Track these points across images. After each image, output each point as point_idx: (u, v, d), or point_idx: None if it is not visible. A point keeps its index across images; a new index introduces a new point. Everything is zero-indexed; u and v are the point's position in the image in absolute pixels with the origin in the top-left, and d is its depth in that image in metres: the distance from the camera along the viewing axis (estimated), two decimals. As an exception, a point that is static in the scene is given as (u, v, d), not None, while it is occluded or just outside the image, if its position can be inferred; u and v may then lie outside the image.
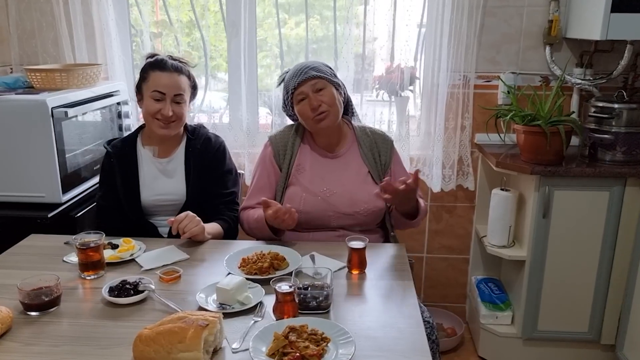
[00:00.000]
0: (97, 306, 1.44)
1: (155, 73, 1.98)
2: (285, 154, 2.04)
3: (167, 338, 1.16)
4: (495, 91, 2.71)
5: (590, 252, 2.39)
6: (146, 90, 1.99)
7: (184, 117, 2.04)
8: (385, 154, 2.06)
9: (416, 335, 1.30)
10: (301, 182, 2.01)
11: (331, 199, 1.97)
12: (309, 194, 1.98)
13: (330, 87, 1.96)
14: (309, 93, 1.93)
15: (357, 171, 2.03)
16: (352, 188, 1.99)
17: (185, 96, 2.02)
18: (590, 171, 2.30)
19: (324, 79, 1.95)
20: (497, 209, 2.50)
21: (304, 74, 1.94)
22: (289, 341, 1.20)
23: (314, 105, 1.91)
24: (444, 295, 3.01)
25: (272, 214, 1.79)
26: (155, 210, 2.07)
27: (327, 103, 1.93)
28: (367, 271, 1.64)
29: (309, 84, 1.93)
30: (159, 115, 1.97)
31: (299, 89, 1.94)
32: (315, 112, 1.92)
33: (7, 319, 1.30)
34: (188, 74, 2.05)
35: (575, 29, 2.50)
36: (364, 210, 1.97)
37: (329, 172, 2.02)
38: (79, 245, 1.58)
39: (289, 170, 2.03)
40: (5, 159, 2.13)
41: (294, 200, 1.97)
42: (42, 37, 2.75)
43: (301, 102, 1.95)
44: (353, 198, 1.97)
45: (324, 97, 1.93)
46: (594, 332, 2.48)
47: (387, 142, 2.09)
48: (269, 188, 2.05)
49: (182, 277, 1.60)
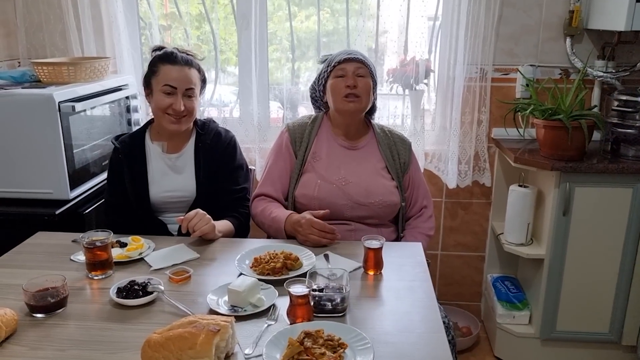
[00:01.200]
0: (105, 308, 1.39)
1: (166, 66, 1.93)
2: (301, 142, 2.04)
3: (176, 344, 1.11)
4: (512, 84, 2.64)
5: (611, 250, 2.32)
6: (156, 85, 1.94)
7: (195, 111, 1.99)
8: (404, 155, 2.06)
9: (437, 341, 1.24)
10: (317, 170, 1.99)
11: (346, 187, 1.95)
12: (324, 181, 1.96)
13: (369, 79, 1.99)
14: (350, 72, 1.96)
15: (374, 164, 2.02)
16: (368, 179, 1.97)
17: (196, 90, 1.98)
18: (612, 167, 2.23)
19: (369, 68, 1.99)
20: (515, 205, 2.43)
21: (354, 54, 1.99)
22: (305, 347, 1.14)
23: (350, 83, 1.94)
24: (458, 294, 2.95)
25: (317, 228, 1.76)
26: (165, 207, 2.02)
27: (362, 89, 1.95)
28: (384, 272, 1.58)
29: (354, 65, 1.97)
30: (170, 110, 1.92)
31: (342, 65, 1.97)
32: (348, 90, 1.94)
33: (12, 322, 1.26)
34: (198, 68, 2.01)
35: (598, 19, 2.41)
36: (379, 202, 1.94)
37: (346, 162, 2.00)
38: (86, 244, 1.53)
39: (305, 157, 2.02)
40: (12, 154, 2.09)
41: (308, 187, 1.97)
42: (49, 30, 2.70)
43: (338, 78, 1.97)
44: (368, 189, 1.95)
45: (362, 83, 1.96)
46: (614, 332, 2.41)
47: (406, 144, 2.10)
48: (284, 175, 2.03)
49: (192, 277, 1.55)
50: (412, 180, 2.07)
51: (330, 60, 2.02)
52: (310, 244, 1.75)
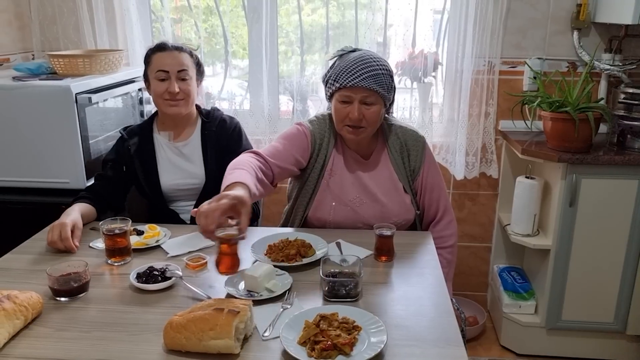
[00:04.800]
0: (125, 292, 1.44)
1: (156, 55, 2.00)
2: (320, 149, 1.87)
3: (198, 325, 1.15)
4: (520, 77, 2.66)
5: (617, 241, 2.35)
6: (151, 74, 2.00)
7: (192, 94, 2.02)
8: (415, 157, 1.88)
9: (448, 325, 1.28)
10: (332, 189, 1.87)
11: (360, 208, 1.85)
12: (339, 203, 1.86)
13: (380, 105, 1.76)
14: (356, 102, 1.73)
15: (388, 176, 1.88)
16: (383, 199, 1.86)
17: (189, 72, 2.01)
18: (619, 159, 2.26)
19: (379, 94, 1.74)
20: (522, 197, 2.46)
21: (361, 79, 1.71)
22: (320, 329, 1.18)
23: (354, 117, 1.73)
24: (465, 284, 2.99)
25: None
26: (176, 195, 2.07)
27: (368, 120, 1.76)
28: (395, 259, 1.62)
29: (361, 93, 1.73)
30: (167, 95, 1.97)
31: (348, 92, 1.74)
32: (351, 122, 1.76)
33: (38, 304, 1.30)
34: (190, 52, 2.05)
35: (605, 13, 2.43)
36: (394, 223, 1.76)
37: (359, 177, 1.88)
38: (106, 231, 1.58)
39: (322, 172, 1.87)
40: (29, 145, 2.13)
41: (323, 210, 1.86)
42: (63, 22, 2.74)
43: (342, 103, 1.76)
44: (383, 210, 1.85)
45: (369, 113, 1.75)
46: (619, 322, 2.45)
47: (419, 142, 1.89)
48: (286, 159, 1.82)
49: (207, 263, 1.59)
50: (423, 184, 1.90)
51: (337, 74, 1.76)
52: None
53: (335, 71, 1.77)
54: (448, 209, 1.94)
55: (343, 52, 1.82)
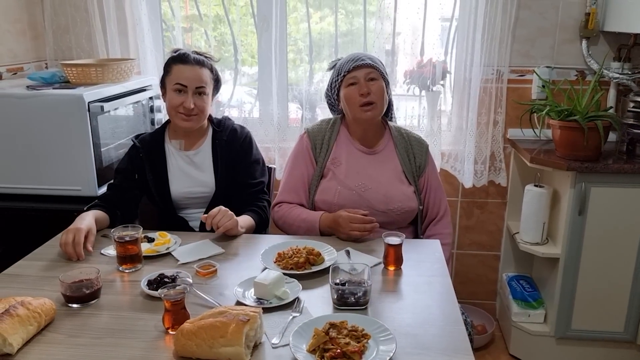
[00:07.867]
0: (137, 299, 1.45)
1: (177, 66, 1.99)
2: (321, 147, 2.04)
3: (209, 332, 1.17)
4: (528, 86, 2.67)
5: (627, 250, 2.34)
6: (169, 84, 2.00)
7: (206, 110, 2.03)
8: (420, 158, 2.05)
9: (457, 333, 1.28)
10: (337, 176, 2.00)
11: (366, 194, 1.96)
12: (344, 188, 1.97)
13: (382, 81, 1.97)
14: (361, 79, 1.94)
15: (392, 169, 2.02)
16: (387, 185, 1.98)
17: (207, 89, 2.02)
18: (628, 167, 2.25)
19: (379, 70, 1.96)
20: (531, 205, 2.46)
21: (361, 60, 1.95)
22: (330, 337, 1.19)
23: (363, 91, 1.92)
24: (473, 292, 2.98)
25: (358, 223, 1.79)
26: (186, 203, 2.09)
27: (376, 94, 1.94)
28: (403, 267, 1.63)
29: (364, 71, 1.94)
30: (181, 109, 1.97)
31: (352, 73, 1.95)
32: (363, 99, 1.92)
33: (51, 311, 1.32)
34: (210, 67, 2.05)
35: (614, 22, 2.44)
36: (398, 208, 1.96)
37: (365, 167, 2.01)
38: (117, 238, 1.60)
39: (325, 162, 2.02)
40: (42, 152, 2.17)
41: (328, 193, 1.98)
42: (76, 32, 2.78)
43: (350, 87, 1.95)
44: (387, 195, 1.96)
45: (375, 87, 1.94)
46: (629, 332, 2.43)
47: (423, 146, 2.08)
48: (304, 182, 2.04)
49: (218, 271, 1.60)
50: (428, 183, 2.05)
51: (339, 69, 2.00)
52: (353, 239, 1.80)
53: (337, 69, 2.01)
54: (448, 210, 2.10)
55: (337, 60, 2.06)
